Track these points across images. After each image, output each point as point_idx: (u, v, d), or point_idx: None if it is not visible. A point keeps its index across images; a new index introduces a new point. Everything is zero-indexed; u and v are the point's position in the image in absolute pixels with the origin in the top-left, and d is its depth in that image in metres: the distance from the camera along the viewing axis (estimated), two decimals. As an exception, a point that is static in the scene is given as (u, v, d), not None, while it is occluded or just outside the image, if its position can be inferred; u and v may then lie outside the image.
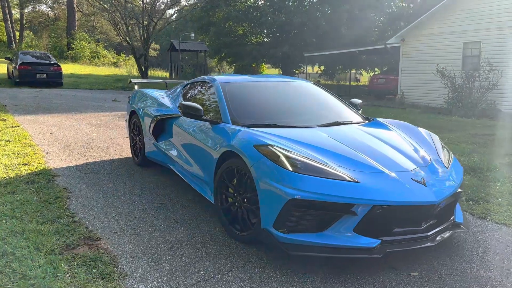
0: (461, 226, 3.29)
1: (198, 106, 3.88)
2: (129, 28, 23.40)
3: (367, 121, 4.19)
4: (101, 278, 2.74)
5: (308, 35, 27.48)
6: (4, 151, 5.95)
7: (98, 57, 40.59)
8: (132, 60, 37.58)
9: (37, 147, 6.44)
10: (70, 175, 5.07)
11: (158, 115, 4.86)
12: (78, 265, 2.89)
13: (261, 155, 3.01)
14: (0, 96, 13.35)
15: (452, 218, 3.26)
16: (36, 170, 5.15)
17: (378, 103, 16.67)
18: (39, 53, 20.62)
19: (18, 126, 8.11)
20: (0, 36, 43.37)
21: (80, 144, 6.80)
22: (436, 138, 3.88)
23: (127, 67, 34.27)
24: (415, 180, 3.01)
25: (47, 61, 17.94)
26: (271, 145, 3.07)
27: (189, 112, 3.88)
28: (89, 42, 40.87)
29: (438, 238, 3.03)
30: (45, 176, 4.90)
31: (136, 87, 6.18)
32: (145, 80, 7.00)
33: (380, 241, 2.81)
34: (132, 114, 5.71)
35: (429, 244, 2.95)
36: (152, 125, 4.94)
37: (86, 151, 6.37)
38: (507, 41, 12.87)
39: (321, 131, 3.60)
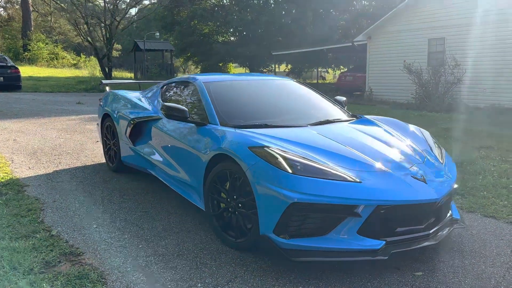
0: (458, 222, 3.26)
1: (183, 107, 3.66)
2: (91, 28, 22.57)
3: (355, 119, 4.11)
4: (90, 298, 2.51)
5: (274, 34, 27.51)
6: (-36, 161, 5.51)
7: (57, 59, 39.04)
8: (94, 61, 36.42)
9: (0, 155, 6.00)
10: (40, 184, 4.72)
11: (135, 118, 4.60)
12: (62, 284, 2.63)
13: (258, 158, 2.85)
14: (-47, 101, 12.52)
15: (449, 214, 3.22)
16: (2, 180, 4.77)
17: (347, 100, 16.82)
18: (-6, 55, 19.53)
19: (-23, 133, 7.58)
20: (-51, 38, 40.92)
21: (47, 151, 6.40)
22: (427, 133, 3.85)
23: (88, 68, 33.13)
24: (415, 178, 2.93)
25: (3, 64, 16.98)
26: (267, 146, 2.92)
27: (172, 114, 3.66)
28: (46, 43, 39.24)
29: (439, 235, 2.98)
30: (13, 187, 4.55)
31: (107, 88, 5.87)
32: (117, 81, 6.68)
33: (384, 242, 2.72)
34: (105, 117, 5.40)
35: (432, 242, 2.89)
36: (129, 128, 4.67)
37: (55, 158, 5.99)
38: (470, 38, 13.28)
39: (314, 130, 3.48)
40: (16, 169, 5.30)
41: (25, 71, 25.03)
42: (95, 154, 6.29)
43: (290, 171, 2.73)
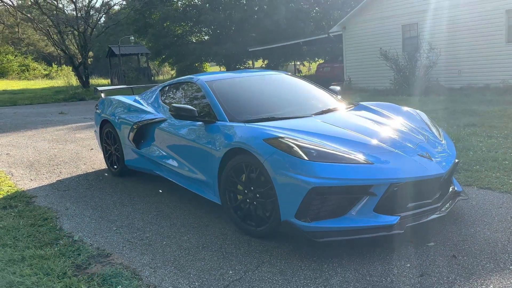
0: (461, 194, 3.49)
1: (191, 107, 3.78)
2: (64, 36, 22.21)
3: (353, 106, 4.30)
4: (130, 293, 2.62)
5: (249, 30, 27.63)
6: (-36, 178, 5.47)
7: (28, 70, 38.32)
8: (66, 70, 35.82)
9: (-2, 170, 5.98)
10: (48, 194, 4.76)
11: (138, 121, 4.68)
12: (99, 284, 2.73)
13: (274, 148, 3.00)
14: None
15: (452, 187, 3.45)
16: (8, 194, 4.78)
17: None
18: (-35, 71, 19.09)
19: (-33, 151, 7.48)
20: None
21: (44, 162, 6.40)
22: (423, 114, 4.07)
23: (61, 78, 32.60)
24: (421, 156, 3.14)
25: (-23, 79, 16.66)
26: (281, 137, 3.07)
27: (182, 114, 3.77)
28: (16, 56, 38.40)
29: (447, 207, 3.20)
30: (21, 199, 4.58)
31: (102, 95, 5.91)
32: (111, 87, 6.71)
33: (399, 217, 2.92)
34: (104, 124, 5.45)
35: (440, 214, 3.10)
36: (132, 133, 4.75)
37: (54, 168, 6.00)
38: (441, 21, 13.72)
39: (319, 119, 3.65)
40: (19, 182, 5.31)
41: (-2, 85, 24.53)
42: (93, 161, 6.33)
43: (306, 158, 2.89)
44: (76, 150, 7.26)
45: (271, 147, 3.02)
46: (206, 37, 31.16)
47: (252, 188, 3.22)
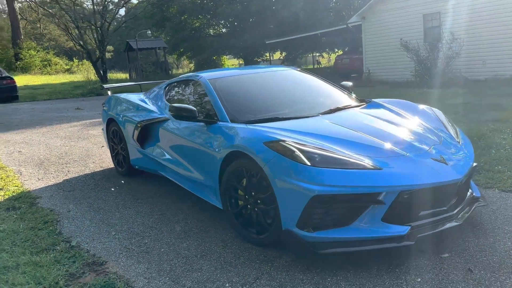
0: (480, 199, 3.23)
1: (192, 107, 3.62)
2: (82, 31, 22.40)
3: (364, 104, 4.06)
4: (120, 307, 2.49)
5: (266, 22, 27.23)
6: (-27, 177, 5.47)
7: (49, 65, 38.84)
8: (87, 64, 36.25)
9: (7, 168, 5.97)
10: (52, 195, 4.69)
11: (142, 121, 4.55)
12: (89, 296, 2.62)
13: (274, 152, 2.81)
14: (-48, 117, 12.44)
15: (470, 193, 3.20)
16: (13, 194, 4.74)
17: (345, 83, 16.70)
18: (-13, 67, 19.42)
19: (-19, 148, 7.53)
20: None
21: (54, 160, 6.36)
22: (439, 113, 3.80)
23: (82, 73, 32.97)
24: (435, 159, 2.90)
25: (-1, 75, 16.92)
26: (283, 140, 2.88)
27: (181, 114, 3.61)
28: (38, 51, 39.01)
29: (463, 215, 2.95)
30: (25, 200, 4.52)
31: (109, 92, 5.81)
32: (118, 84, 6.61)
33: (409, 227, 2.69)
34: (110, 122, 5.36)
35: (457, 223, 2.86)
36: (136, 131, 4.63)
37: (63, 166, 5.95)
38: (465, 9, 13.14)
39: (326, 119, 3.43)
40: (26, 181, 5.27)
41: (20, 80, 24.86)
42: (103, 159, 6.26)
43: (308, 163, 2.69)
44: (87, 147, 7.21)
45: (272, 151, 2.83)
46: (223, 30, 30.94)
47: (253, 193, 3.05)
